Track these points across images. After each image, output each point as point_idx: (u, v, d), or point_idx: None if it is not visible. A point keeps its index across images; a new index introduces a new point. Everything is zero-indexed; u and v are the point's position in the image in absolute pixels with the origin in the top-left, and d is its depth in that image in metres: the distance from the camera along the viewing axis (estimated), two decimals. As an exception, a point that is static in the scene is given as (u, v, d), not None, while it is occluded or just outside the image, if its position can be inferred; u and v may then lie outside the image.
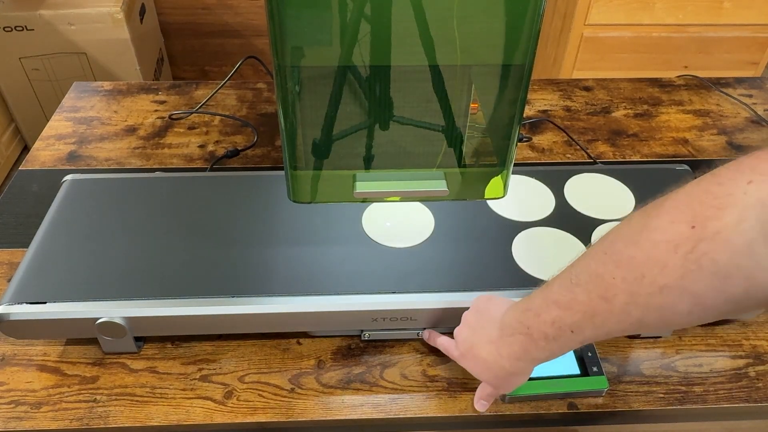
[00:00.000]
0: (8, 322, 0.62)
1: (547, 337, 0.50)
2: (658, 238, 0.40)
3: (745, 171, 0.38)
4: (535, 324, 0.51)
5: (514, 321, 0.54)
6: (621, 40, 1.74)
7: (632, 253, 0.42)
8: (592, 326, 0.46)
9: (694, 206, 0.39)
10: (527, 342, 0.52)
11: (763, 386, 0.66)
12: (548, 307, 0.49)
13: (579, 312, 0.47)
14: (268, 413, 0.62)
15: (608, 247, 0.45)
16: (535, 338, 0.51)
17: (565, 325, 0.48)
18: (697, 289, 0.39)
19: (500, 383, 0.59)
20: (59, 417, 0.62)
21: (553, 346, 0.50)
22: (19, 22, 1.73)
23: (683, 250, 0.39)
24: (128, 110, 1.04)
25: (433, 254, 0.70)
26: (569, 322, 0.48)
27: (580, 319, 0.47)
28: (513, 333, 0.53)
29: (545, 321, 0.50)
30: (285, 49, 0.52)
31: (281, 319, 0.64)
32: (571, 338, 0.48)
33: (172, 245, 0.69)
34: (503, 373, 0.56)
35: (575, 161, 0.96)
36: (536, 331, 0.51)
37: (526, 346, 0.53)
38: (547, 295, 0.50)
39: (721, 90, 1.13)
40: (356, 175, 0.62)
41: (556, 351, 0.51)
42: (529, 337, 0.52)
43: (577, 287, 0.47)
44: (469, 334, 0.59)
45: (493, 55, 0.54)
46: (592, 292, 0.45)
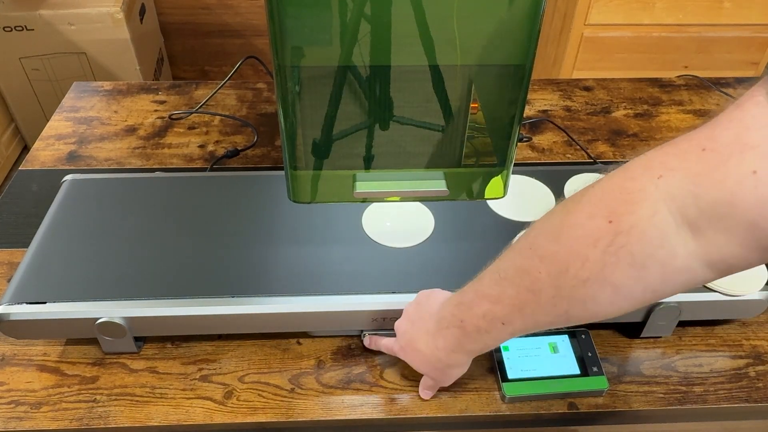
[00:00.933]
0: (8, 322, 0.62)
1: (480, 329, 0.51)
2: (578, 233, 0.42)
3: (655, 166, 0.40)
4: (468, 317, 0.52)
5: (449, 314, 0.55)
6: (621, 40, 1.74)
7: (555, 249, 0.43)
8: (522, 318, 0.48)
9: (609, 202, 0.41)
10: (461, 335, 0.53)
11: (763, 386, 0.66)
12: (479, 300, 0.51)
13: (508, 305, 0.48)
14: (268, 413, 0.62)
15: (532, 241, 0.46)
16: (469, 331, 0.52)
17: (496, 318, 0.49)
18: (616, 280, 0.41)
19: (439, 375, 0.60)
20: (59, 417, 0.62)
21: (486, 338, 0.52)
22: (19, 22, 1.73)
23: (602, 244, 0.40)
24: (128, 110, 1.04)
25: (433, 254, 0.70)
26: (500, 315, 0.49)
27: (510, 312, 0.48)
28: (448, 326, 0.54)
29: (477, 314, 0.51)
30: (285, 49, 0.52)
31: (281, 319, 0.64)
32: (502, 330, 0.50)
33: (172, 245, 0.69)
34: (441, 365, 0.58)
35: (575, 161, 0.96)
36: (469, 324, 0.52)
37: (460, 339, 0.54)
38: (478, 288, 0.51)
39: (721, 90, 1.13)
40: (356, 175, 0.62)
41: (490, 343, 0.53)
42: (463, 330, 0.53)
43: (505, 281, 0.48)
44: (408, 326, 0.60)
45: (493, 55, 0.54)
46: (519, 285, 0.47)
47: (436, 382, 0.62)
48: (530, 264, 0.45)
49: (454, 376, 0.60)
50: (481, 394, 0.65)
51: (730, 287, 0.65)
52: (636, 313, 0.66)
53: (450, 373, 0.59)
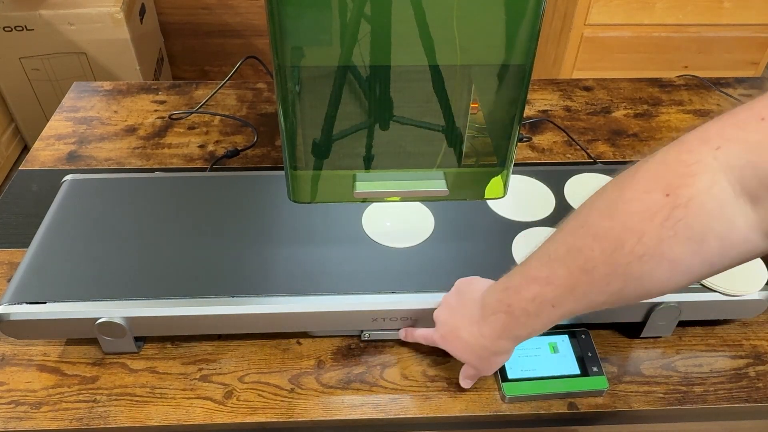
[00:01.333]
0: (8, 322, 0.62)
1: (529, 313, 0.50)
2: (633, 208, 0.41)
3: (712, 137, 0.39)
4: (516, 301, 0.51)
5: (494, 300, 0.54)
6: (621, 40, 1.74)
7: (609, 225, 0.43)
8: (573, 299, 0.47)
9: (666, 175, 0.40)
10: (508, 320, 0.52)
11: (763, 386, 0.66)
12: (528, 283, 0.50)
13: (559, 286, 0.47)
14: (268, 413, 0.62)
15: (584, 220, 0.46)
16: (516, 315, 0.51)
17: (546, 301, 0.48)
18: (674, 255, 0.40)
19: (482, 363, 0.59)
20: (59, 417, 0.62)
21: (535, 322, 0.51)
22: (19, 22, 1.73)
23: (659, 218, 0.40)
24: (128, 110, 1.04)
25: (433, 254, 0.70)
26: (550, 297, 0.48)
27: (561, 293, 0.47)
28: (494, 312, 0.54)
29: (525, 298, 0.50)
30: (285, 49, 0.52)
31: (281, 319, 0.64)
32: (552, 313, 0.49)
33: (171, 245, 0.69)
34: (486, 353, 0.57)
35: (575, 161, 0.96)
36: (517, 308, 0.51)
37: (507, 324, 0.53)
38: (526, 272, 0.50)
39: (721, 90, 1.13)
40: (356, 175, 0.62)
41: (538, 327, 0.52)
42: (510, 315, 0.52)
43: (556, 262, 0.47)
44: (449, 315, 0.60)
45: (493, 55, 0.54)
46: (571, 265, 0.46)
47: (477, 371, 0.61)
48: (583, 243, 0.45)
49: (497, 364, 0.59)
50: (481, 394, 0.65)
51: (730, 287, 0.65)
52: (636, 312, 0.66)
53: (494, 360, 0.58)
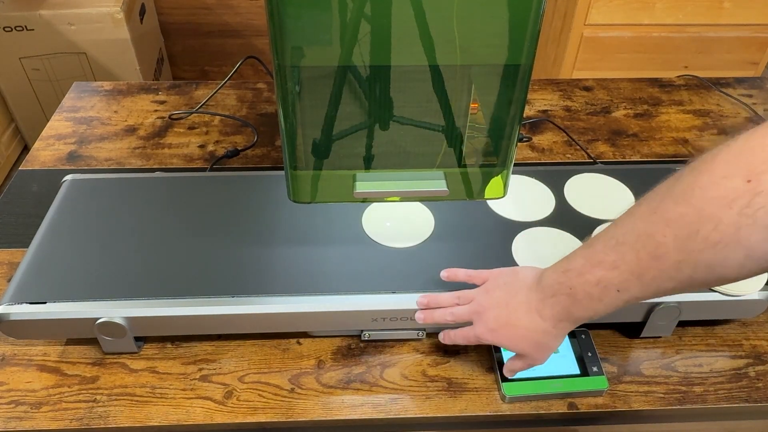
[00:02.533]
0: (8, 322, 0.62)
1: (592, 297, 0.49)
2: (710, 194, 0.40)
3: None
4: (578, 284, 0.50)
5: (554, 282, 0.53)
6: (621, 40, 1.74)
7: (683, 211, 0.42)
8: (640, 285, 0.46)
9: (748, 160, 0.39)
10: (570, 302, 0.51)
11: (763, 386, 0.66)
12: (592, 267, 0.49)
13: (626, 272, 0.46)
14: (268, 413, 0.62)
15: (657, 205, 0.44)
16: (579, 298, 0.50)
17: (611, 285, 0.47)
18: (751, 243, 0.39)
19: (539, 351, 0.58)
20: (59, 417, 0.62)
21: (598, 305, 0.50)
22: (19, 22, 1.73)
23: (738, 205, 0.39)
24: (128, 110, 1.04)
25: (433, 254, 0.70)
26: (615, 282, 0.47)
27: (628, 278, 0.46)
28: (555, 294, 0.53)
29: (589, 281, 0.49)
30: (285, 49, 0.52)
31: (281, 319, 0.64)
32: (616, 297, 0.48)
33: (172, 245, 0.69)
34: (546, 338, 0.55)
35: (575, 161, 0.96)
36: (580, 291, 0.50)
37: (568, 307, 0.52)
38: (590, 255, 0.49)
39: (721, 90, 1.13)
40: (356, 175, 0.62)
41: (601, 310, 0.50)
42: (573, 298, 0.51)
43: (624, 246, 0.46)
44: (497, 306, 0.58)
45: (493, 55, 0.54)
46: (640, 251, 0.45)
47: (530, 361, 0.59)
48: (654, 228, 0.44)
49: (551, 350, 0.58)
50: (481, 394, 0.65)
51: (730, 287, 0.65)
52: (636, 312, 0.66)
53: (552, 345, 0.57)
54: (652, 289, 0.46)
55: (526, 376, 0.64)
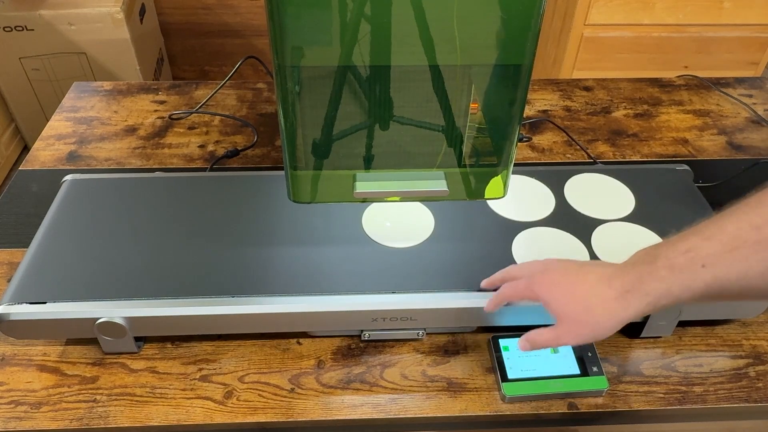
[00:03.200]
0: (8, 322, 0.62)
1: (674, 267, 0.46)
2: None
3: None
4: (665, 251, 0.47)
5: (642, 253, 0.50)
6: (621, 40, 1.74)
7: None
8: (729, 261, 0.44)
9: None
10: (647, 271, 0.48)
11: (763, 386, 0.66)
12: (686, 236, 0.47)
13: (720, 242, 0.44)
14: (268, 413, 0.62)
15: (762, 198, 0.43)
16: (658, 267, 0.47)
17: (699, 257, 0.45)
18: None
19: (582, 319, 0.51)
20: (59, 417, 0.62)
21: (673, 280, 0.46)
22: (19, 22, 1.73)
23: None
24: (128, 110, 1.04)
25: (433, 254, 0.70)
26: (704, 254, 0.45)
27: (719, 251, 0.44)
28: (635, 262, 0.50)
29: (678, 249, 0.47)
30: (285, 49, 0.52)
31: (281, 319, 0.64)
32: (697, 274, 0.45)
33: (172, 245, 0.69)
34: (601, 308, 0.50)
35: (575, 161, 0.96)
36: (663, 258, 0.47)
37: (643, 276, 0.48)
38: (692, 229, 0.47)
39: (721, 90, 1.13)
40: (356, 175, 0.62)
41: (674, 288, 0.47)
42: (652, 266, 0.48)
43: (729, 218, 0.45)
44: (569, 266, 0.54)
45: (493, 55, 0.54)
46: (742, 221, 0.43)
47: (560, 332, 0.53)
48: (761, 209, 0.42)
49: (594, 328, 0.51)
50: (481, 394, 0.65)
51: (730, 287, 0.65)
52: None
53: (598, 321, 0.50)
54: (738, 269, 0.44)
55: (526, 376, 0.64)
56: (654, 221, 0.74)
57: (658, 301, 0.48)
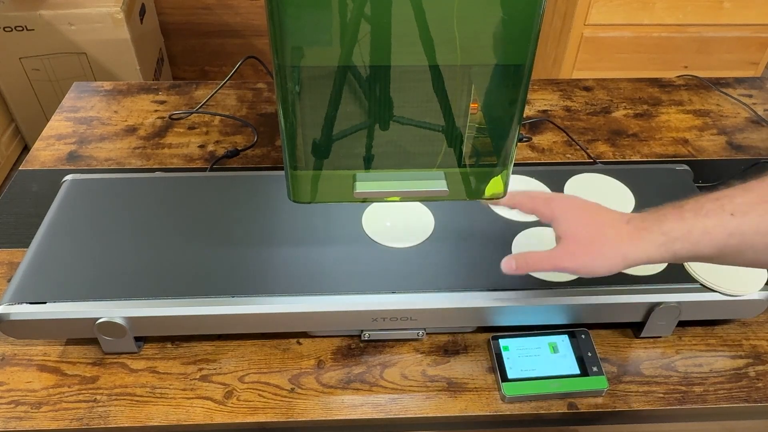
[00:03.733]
0: (8, 322, 0.62)
1: (699, 210, 0.44)
2: None
3: None
4: (695, 198, 0.45)
5: (672, 203, 0.47)
6: (621, 40, 1.74)
7: None
8: (760, 213, 0.42)
9: None
10: (671, 212, 0.46)
11: (763, 386, 0.66)
12: (725, 189, 0.45)
13: (756, 194, 0.43)
14: (268, 413, 0.62)
15: None
16: (684, 209, 0.45)
17: (730, 204, 0.43)
18: None
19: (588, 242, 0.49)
20: (59, 417, 0.62)
21: (696, 223, 0.44)
22: (19, 22, 1.73)
23: None
24: (128, 110, 1.04)
25: (433, 254, 0.70)
26: (738, 202, 0.43)
27: (752, 200, 0.42)
28: (661, 207, 0.47)
29: (710, 197, 0.45)
30: (285, 49, 0.52)
31: (281, 319, 0.64)
32: (723, 220, 0.43)
33: (172, 245, 0.69)
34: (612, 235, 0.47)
35: (575, 161, 0.96)
36: (692, 202, 0.45)
37: (666, 215, 0.46)
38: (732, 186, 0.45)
39: (721, 90, 1.13)
40: (356, 175, 0.62)
41: (695, 231, 0.44)
42: (678, 209, 0.46)
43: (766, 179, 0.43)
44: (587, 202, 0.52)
45: (493, 55, 0.54)
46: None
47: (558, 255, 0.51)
48: None
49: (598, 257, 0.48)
50: (481, 394, 0.65)
51: (730, 287, 0.65)
52: (636, 312, 0.66)
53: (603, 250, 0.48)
54: (767, 226, 0.42)
55: (526, 376, 0.64)
56: (654, 221, 0.74)
57: (673, 244, 0.45)
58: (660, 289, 0.66)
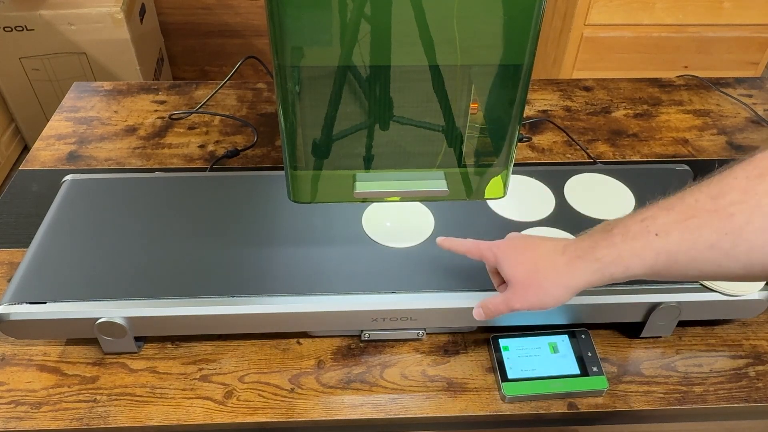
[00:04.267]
0: (8, 322, 0.62)
1: (626, 233, 0.46)
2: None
3: None
4: (624, 221, 0.47)
5: (602, 224, 0.50)
6: (621, 40, 1.74)
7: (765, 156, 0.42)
8: (681, 230, 0.44)
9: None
10: (601, 238, 0.48)
11: (762, 386, 0.66)
12: (649, 207, 0.47)
13: (677, 212, 0.44)
14: (268, 413, 0.62)
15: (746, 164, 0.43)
16: (613, 233, 0.47)
17: (654, 225, 0.45)
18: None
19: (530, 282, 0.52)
20: (59, 417, 0.62)
21: (625, 247, 0.46)
22: (19, 22, 1.72)
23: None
24: (128, 110, 1.04)
25: (433, 254, 0.70)
26: (660, 222, 0.45)
27: (674, 219, 0.44)
28: (592, 233, 0.50)
29: (635, 218, 0.47)
30: (285, 49, 0.52)
31: (281, 319, 0.64)
32: (649, 242, 0.45)
33: (172, 245, 0.69)
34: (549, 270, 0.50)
35: (575, 161, 0.96)
36: (618, 226, 0.47)
37: (597, 242, 0.48)
38: (657, 203, 0.47)
39: (721, 90, 1.13)
40: (356, 175, 0.62)
41: (624, 255, 0.47)
42: (606, 233, 0.48)
43: (692, 190, 0.45)
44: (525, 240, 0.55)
45: (493, 55, 0.54)
46: (702, 192, 0.44)
47: (508, 296, 0.54)
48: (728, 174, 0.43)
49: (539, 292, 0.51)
50: (481, 394, 0.65)
51: (730, 287, 0.65)
52: (636, 312, 0.66)
53: (543, 285, 0.51)
54: (690, 242, 0.43)
55: (526, 376, 0.64)
56: (654, 221, 0.74)
57: (607, 269, 0.48)
58: (660, 289, 0.66)
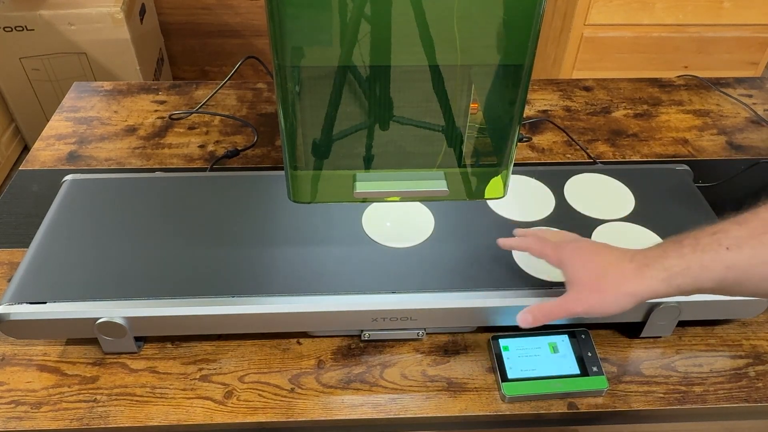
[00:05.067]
0: (8, 322, 0.62)
1: (697, 246, 0.46)
2: None
3: None
4: (695, 233, 0.47)
5: (674, 237, 0.49)
6: (621, 40, 1.74)
7: None
8: (754, 245, 0.44)
9: None
10: (671, 248, 0.48)
11: (762, 386, 0.66)
12: (721, 223, 0.47)
13: (750, 228, 0.44)
14: (268, 413, 0.62)
15: None
16: (683, 244, 0.47)
17: (725, 238, 0.45)
18: None
19: (593, 286, 0.51)
20: (59, 417, 0.62)
21: (694, 258, 0.46)
22: (19, 22, 1.72)
23: None
24: (128, 110, 1.04)
25: (433, 254, 0.70)
26: (732, 236, 0.45)
27: (747, 234, 0.44)
28: (662, 243, 0.49)
29: (707, 231, 0.47)
30: (285, 49, 0.52)
31: (281, 319, 0.64)
32: (719, 255, 0.45)
33: (172, 245, 0.69)
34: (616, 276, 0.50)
35: (575, 161, 0.96)
36: (691, 238, 0.47)
37: (666, 250, 0.48)
38: (731, 218, 0.47)
39: (721, 90, 1.13)
40: (356, 175, 0.62)
41: (693, 267, 0.46)
42: (677, 243, 0.48)
43: (766, 208, 0.45)
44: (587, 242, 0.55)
45: (493, 55, 0.54)
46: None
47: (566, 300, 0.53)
48: None
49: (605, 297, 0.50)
50: (481, 394, 0.65)
51: (730, 287, 0.65)
52: (636, 312, 0.66)
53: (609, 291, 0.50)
54: (762, 254, 0.43)
55: (526, 376, 0.64)
56: (654, 221, 0.74)
57: (675, 279, 0.47)
58: (660, 289, 0.66)
